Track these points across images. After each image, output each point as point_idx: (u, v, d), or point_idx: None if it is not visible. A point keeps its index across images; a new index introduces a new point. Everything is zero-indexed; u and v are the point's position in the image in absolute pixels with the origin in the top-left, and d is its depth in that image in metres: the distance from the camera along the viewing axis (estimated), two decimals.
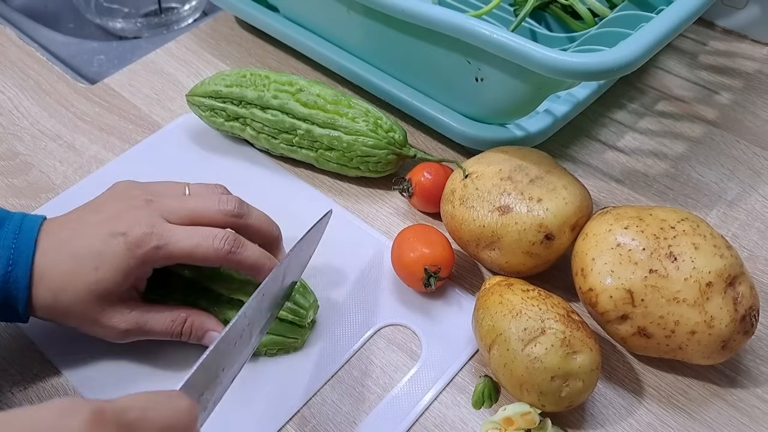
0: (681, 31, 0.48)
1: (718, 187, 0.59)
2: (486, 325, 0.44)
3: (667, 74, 0.70)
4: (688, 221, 0.44)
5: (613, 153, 0.62)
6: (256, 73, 0.59)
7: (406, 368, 0.48)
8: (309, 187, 0.60)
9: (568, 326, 0.42)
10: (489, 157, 0.51)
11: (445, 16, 0.50)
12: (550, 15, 0.67)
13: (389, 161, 0.57)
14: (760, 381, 0.47)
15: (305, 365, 0.48)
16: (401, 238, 0.51)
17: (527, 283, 0.46)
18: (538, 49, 0.45)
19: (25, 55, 0.73)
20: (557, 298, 0.45)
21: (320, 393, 0.47)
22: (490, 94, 0.54)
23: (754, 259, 0.54)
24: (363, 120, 0.56)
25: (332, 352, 0.49)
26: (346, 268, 0.54)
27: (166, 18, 0.85)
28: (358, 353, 0.49)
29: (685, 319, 0.42)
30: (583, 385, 0.42)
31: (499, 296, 0.44)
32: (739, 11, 0.72)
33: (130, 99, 0.68)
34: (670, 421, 0.45)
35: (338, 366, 0.48)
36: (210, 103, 0.60)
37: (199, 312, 0.47)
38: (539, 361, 0.41)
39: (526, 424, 0.43)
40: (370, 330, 0.50)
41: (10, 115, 0.67)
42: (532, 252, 0.47)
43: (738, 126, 0.64)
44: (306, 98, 0.57)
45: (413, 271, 0.49)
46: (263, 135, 0.59)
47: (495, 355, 0.43)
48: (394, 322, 0.50)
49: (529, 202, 0.47)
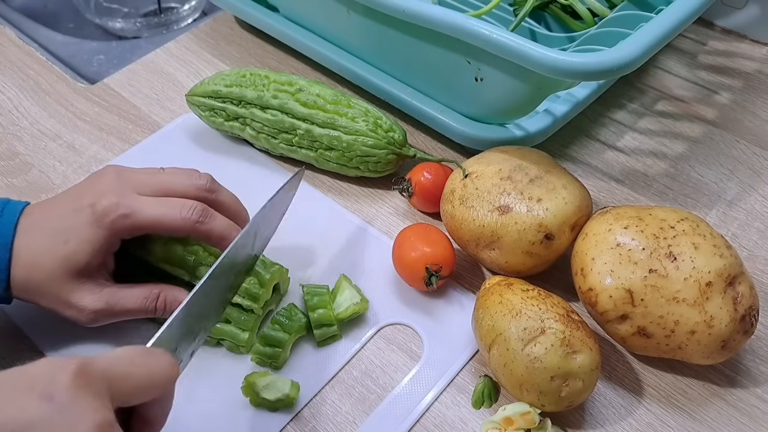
0: (680, 31, 0.48)
1: (717, 187, 0.59)
2: (486, 324, 0.44)
3: (666, 74, 0.70)
4: (688, 221, 0.44)
5: (613, 153, 0.62)
6: (256, 73, 0.59)
7: (407, 368, 0.48)
8: (309, 186, 0.60)
9: (567, 326, 0.42)
10: (489, 156, 0.51)
11: (445, 16, 0.50)
12: (550, 15, 0.67)
13: (389, 161, 0.57)
14: (760, 381, 0.47)
15: (305, 365, 0.48)
16: (402, 237, 0.51)
17: (527, 283, 0.46)
18: (538, 48, 0.45)
19: (25, 55, 0.73)
20: (557, 298, 0.45)
21: (320, 393, 0.47)
22: (490, 94, 0.54)
23: (753, 259, 0.54)
24: (363, 120, 0.56)
25: (332, 352, 0.49)
26: (345, 266, 0.54)
27: (166, 18, 0.85)
28: (359, 353, 0.49)
29: (685, 318, 0.42)
30: (583, 384, 0.42)
31: (499, 296, 0.44)
32: (739, 11, 0.72)
33: (129, 99, 0.68)
34: (670, 421, 0.45)
35: (339, 366, 0.48)
36: (210, 102, 0.60)
37: (170, 286, 0.47)
38: (539, 361, 0.41)
39: (525, 424, 0.43)
40: (371, 329, 0.50)
41: (9, 115, 0.67)
42: (532, 252, 0.47)
43: (738, 126, 0.64)
44: (306, 98, 0.57)
45: (414, 270, 0.49)
46: (263, 135, 0.59)
47: (495, 355, 0.43)
48: (396, 321, 0.50)
49: (529, 202, 0.47)
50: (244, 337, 0.47)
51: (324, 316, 0.48)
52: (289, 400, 0.45)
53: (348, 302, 0.49)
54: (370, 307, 0.51)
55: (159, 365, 0.34)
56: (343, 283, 0.50)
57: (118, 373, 0.32)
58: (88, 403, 0.29)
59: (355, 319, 0.50)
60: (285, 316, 0.48)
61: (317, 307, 0.48)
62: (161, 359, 0.34)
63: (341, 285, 0.50)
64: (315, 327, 0.48)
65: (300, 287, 0.51)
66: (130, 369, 0.32)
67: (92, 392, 0.29)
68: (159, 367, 0.34)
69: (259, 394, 0.45)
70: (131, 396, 0.32)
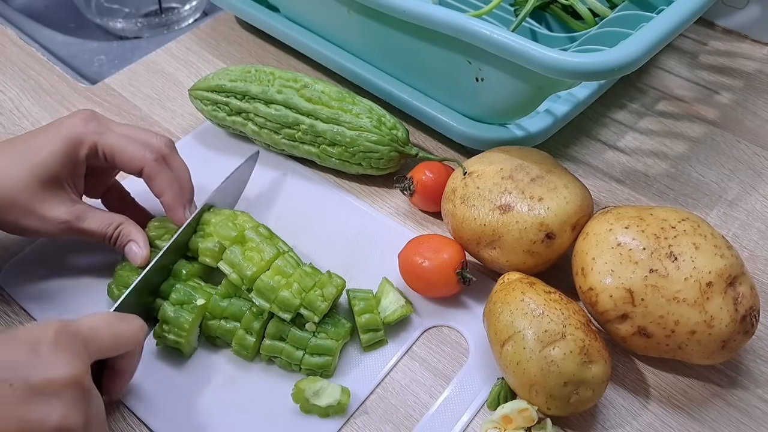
0: (681, 31, 0.48)
1: (718, 187, 0.59)
2: (504, 319, 0.44)
3: (667, 74, 0.70)
4: (689, 221, 0.44)
5: (614, 153, 0.62)
6: (261, 69, 0.59)
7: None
8: (310, 186, 0.60)
9: (587, 335, 0.42)
10: (490, 156, 0.51)
11: (446, 16, 0.50)
12: (551, 15, 0.67)
13: (391, 158, 0.57)
14: (761, 381, 0.47)
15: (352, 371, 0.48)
16: (409, 255, 0.50)
17: (548, 285, 0.46)
18: (539, 49, 0.45)
19: (26, 56, 0.73)
20: (577, 305, 0.44)
21: (369, 398, 0.47)
22: (491, 94, 0.54)
23: (754, 259, 0.54)
24: (367, 116, 0.56)
25: (379, 356, 0.49)
26: (373, 269, 0.53)
27: (167, 18, 0.85)
28: (405, 356, 0.49)
29: (685, 318, 0.42)
30: (592, 394, 0.42)
31: (521, 293, 0.44)
32: (740, 11, 0.72)
33: (130, 99, 0.68)
34: (671, 421, 0.45)
35: (387, 370, 0.48)
36: (213, 97, 0.60)
37: (133, 223, 0.50)
38: (555, 365, 0.41)
39: (524, 422, 0.43)
40: (416, 332, 0.49)
41: (10, 115, 0.67)
42: (533, 251, 0.47)
43: (738, 126, 0.64)
44: (310, 94, 0.57)
45: (441, 278, 0.49)
46: (265, 130, 0.59)
47: (509, 351, 0.43)
48: (440, 323, 0.50)
49: (530, 201, 0.47)
50: (298, 355, 0.47)
51: (371, 320, 0.48)
52: (341, 407, 0.45)
53: (394, 305, 0.49)
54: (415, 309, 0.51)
55: (129, 327, 0.41)
56: (386, 287, 0.50)
57: (93, 332, 0.38)
58: (66, 357, 0.35)
59: (400, 323, 0.50)
60: (329, 324, 0.47)
61: (364, 311, 0.48)
62: (132, 322, 0.41)
63: (384, 288, 0.50)
64: (362, 332, 0.48)
65: (345, 292, 0.50)
66: (104, 330, 0.39)
67: (70, 348, 0.36)
68: (129, 327, 0.41)
69: (309, 401, 0.45)
70: (105, 351, 0.39)
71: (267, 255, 0.47)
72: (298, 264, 0.48)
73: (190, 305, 0.47)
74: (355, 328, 0.48)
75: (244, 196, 0.58)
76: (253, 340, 0.47)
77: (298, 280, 0.46)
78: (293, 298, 0.46)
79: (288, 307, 0.46)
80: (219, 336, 0.48)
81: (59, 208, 0.47)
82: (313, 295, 0.46)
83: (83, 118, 0.49)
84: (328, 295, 0.46)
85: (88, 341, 0.37)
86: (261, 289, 0.46)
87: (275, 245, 0.49)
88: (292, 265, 0.47)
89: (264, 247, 0.48)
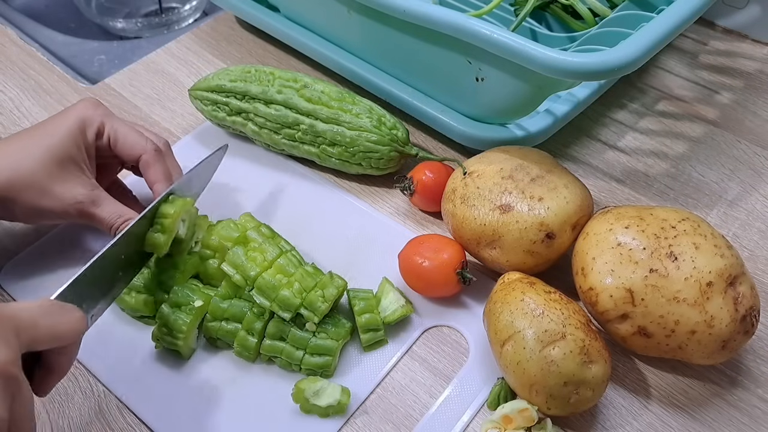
0: (681, 31, 0.48)
1: (718, 187, 0.59)
2: (504, 319, 0.44)
3: (667, 74, 0.70)
4: (689, 221, 0.44)
5: (614, 153, 0.62)
6: (261, 69, 0.59)
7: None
8: (310, 186, 0.60)
9: (587, 335, 0.42)
10: (490, 156, 0.51)
11: (446, 16, 0.50)
12: (551, 15, 0.67)
13: (391, 158, 0.57)
14: (761, 381, 0.47)
15: (352, 371, 0.48)
16: (408, 255, 0.50)
17: (548, 285, 0.46)
18: (539, 48, 0.45)
19: (26, 55, 0.73)
20: (577, 305, 0.44)
21: (369, 398, 0.47)
22: (491, 94, 0.54)
23: (754, 259, 0.54)
24: (367, 116, 0.56)
25: (379, 356, 0.49)
26: (372, 269, 0.53)
27: (167, 18, 0.85)
28: (405, 356, 0.49)
29: (686, 318, 0.42)
30: (592, 394, 0.42)
31: (521, 293, 0.44)
32: (740, 11, 0.72)
33: (130, 99, 0.68)
34: (671, 421, 0.45)
35: (387, 370, 0.48)
36: (213, 97, 0.60)
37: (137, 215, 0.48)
38: (555, 365, 0.41)
39: (524, 422, 0.43)
40: (416, 332, 0.49)
41: (11, 115, 0.67)
42: (533, 251, 0.47)
43: (738, 126, 0.64)
44: (310, 94, 0.57)
45: (440, 278, 0.49)
46: (265, 130, 0.59)
47: (509, 351, 0.43)
48: (440, 323, 0.50)
49: (530, 201, 0.47)
50: (299, 355, 0.47)
51: (371, 320, 0.48)
52: (341, 407, 0.45)
53: (394, 305, 0.49)
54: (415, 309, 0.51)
55: (68, 318, 0.38)
56: (386, 287, 0.50)
57: (27, 320, 0.35)
58: None
59: (400, 322, 0.50)
60: (329, 323, 0.47)
61: (364, 311, 0.48)
62: (71, 313, 0.38)
63: (384, 288, 0.50)
64: (362, 332, 0.48)
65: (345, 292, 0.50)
66: (40, 318, 0.36)
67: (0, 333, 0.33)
68: (68, 319, 0.38)
69: (309, 401, 0.45)
70: (38, 342, 0.36)
71: (270, 255, 0.47)
72: (300, 263, 0.48)
73: (188, 307, 0.47)
74: (355, 327, 0.48)
75: (244, 197, 0.58)
76: (255, 341, 0.47)
77: (299, 280, 0.46)
78: (294, 297, 0.46)
79: (288, 307, 0.46)
80: (220, 338, 0.48)
81: (77, 188, 0.48)
82: (314, 295, 0.46)
83: (92, 103, 0.51)
84: (328, 296, 0.46)
85: (20, 329, 0.34)
86: (262, 286, 0.46)
87: (277, 245, 0.49)
88: (294, 265, 0.47)
89: (267, 248, 0.48)
